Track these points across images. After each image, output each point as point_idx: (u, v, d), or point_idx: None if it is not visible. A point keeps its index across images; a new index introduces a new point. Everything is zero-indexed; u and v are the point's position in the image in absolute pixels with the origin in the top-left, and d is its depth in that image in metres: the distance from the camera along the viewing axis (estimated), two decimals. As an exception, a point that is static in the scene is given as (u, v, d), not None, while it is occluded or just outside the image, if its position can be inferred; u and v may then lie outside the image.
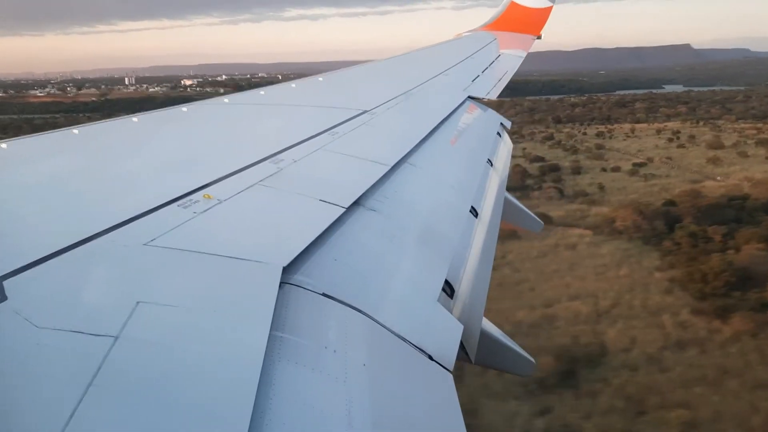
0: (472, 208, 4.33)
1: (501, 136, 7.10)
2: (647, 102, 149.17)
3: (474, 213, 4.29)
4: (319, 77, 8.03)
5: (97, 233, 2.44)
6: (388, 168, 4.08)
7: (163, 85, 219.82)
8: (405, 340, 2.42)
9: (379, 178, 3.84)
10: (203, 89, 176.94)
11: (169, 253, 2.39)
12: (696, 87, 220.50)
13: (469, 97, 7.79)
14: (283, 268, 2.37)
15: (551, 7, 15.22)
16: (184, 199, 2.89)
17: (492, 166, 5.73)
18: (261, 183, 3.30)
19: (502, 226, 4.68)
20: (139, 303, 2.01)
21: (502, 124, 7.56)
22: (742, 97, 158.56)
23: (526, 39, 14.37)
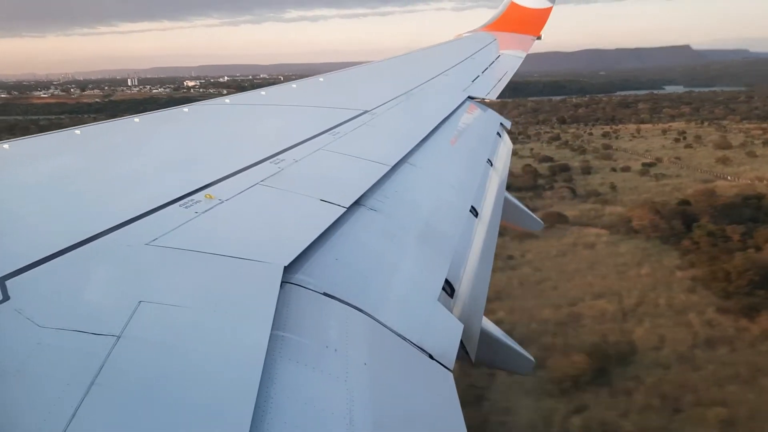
0: (472, 207, 4.33)
1: (501, 136, 7.10)
2: (650, 102, 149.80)
3: (474, 213, 4.29)
4: (320, 78, 8.02)
5: (99, 233, 2.44)
6: (389, 168, 4.07)
7: (166, 86, 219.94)
8: (405, 339, 2.42)
9: (379, 178, 3.83)
10: (206, 90, 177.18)
11: (170, 252, 2.39)
12: (696, 88, 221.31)
13: (469, 97, 7.78)
14: (285, 267, 2.37)
15: (551, 8, 15.20)
16: (185, 199, 2.89)
17: (492, 165, 5.73)
18: (262, 183, 3.30)
19: (507, 225, 4.67)
20: (141, 302, 2.01)
21: (501, 124, 7.56)
22: (744, 97, 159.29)
23: (526, 39, 14.35)
